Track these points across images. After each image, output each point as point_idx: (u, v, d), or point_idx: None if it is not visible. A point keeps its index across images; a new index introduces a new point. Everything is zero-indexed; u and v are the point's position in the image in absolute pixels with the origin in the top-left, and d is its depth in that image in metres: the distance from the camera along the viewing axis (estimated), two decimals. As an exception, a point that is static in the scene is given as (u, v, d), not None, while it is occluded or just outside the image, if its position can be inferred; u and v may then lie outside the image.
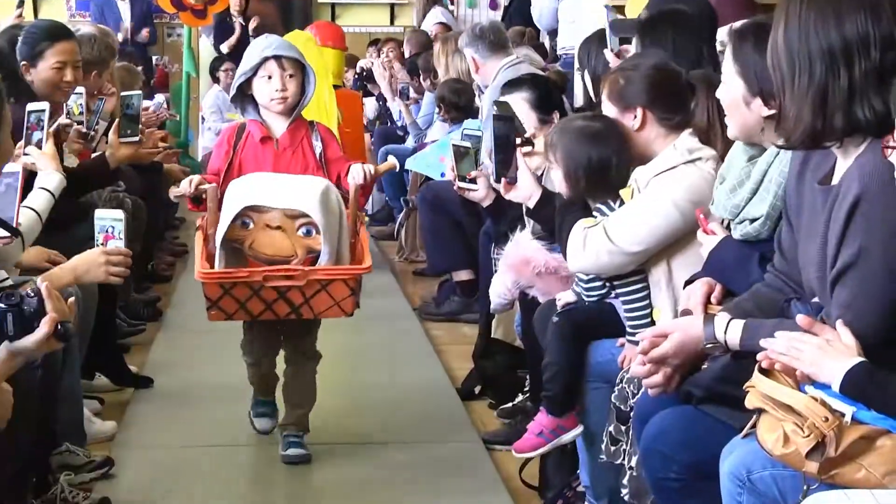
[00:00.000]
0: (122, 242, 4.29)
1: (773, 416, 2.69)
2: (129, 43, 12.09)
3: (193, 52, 12.48)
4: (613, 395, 3.66)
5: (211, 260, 4.53)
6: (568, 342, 3.94)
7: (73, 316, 3.25)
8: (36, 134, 5.01)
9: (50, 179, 4.81)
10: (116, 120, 6.06)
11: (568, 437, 3.99)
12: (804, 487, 2.65)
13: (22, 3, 8.46)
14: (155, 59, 12.57)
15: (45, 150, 4.93)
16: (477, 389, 5.86)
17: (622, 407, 3.62)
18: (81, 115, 5.84)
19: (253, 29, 12.76)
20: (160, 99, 9.67)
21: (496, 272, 4.83)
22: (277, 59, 4.76)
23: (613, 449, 3.67)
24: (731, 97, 3.40)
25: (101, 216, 4.35)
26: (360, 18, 14.95)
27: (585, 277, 4.08)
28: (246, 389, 5.06)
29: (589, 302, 4.09)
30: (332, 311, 4.58)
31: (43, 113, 5.00)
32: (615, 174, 3.96)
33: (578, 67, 6.30)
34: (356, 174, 4.74)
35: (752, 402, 2.76)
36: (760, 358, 2.77)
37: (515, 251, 4.52)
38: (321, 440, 4.78)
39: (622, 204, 3.95)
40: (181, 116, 11.49)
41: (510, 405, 5.33)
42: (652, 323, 3.76)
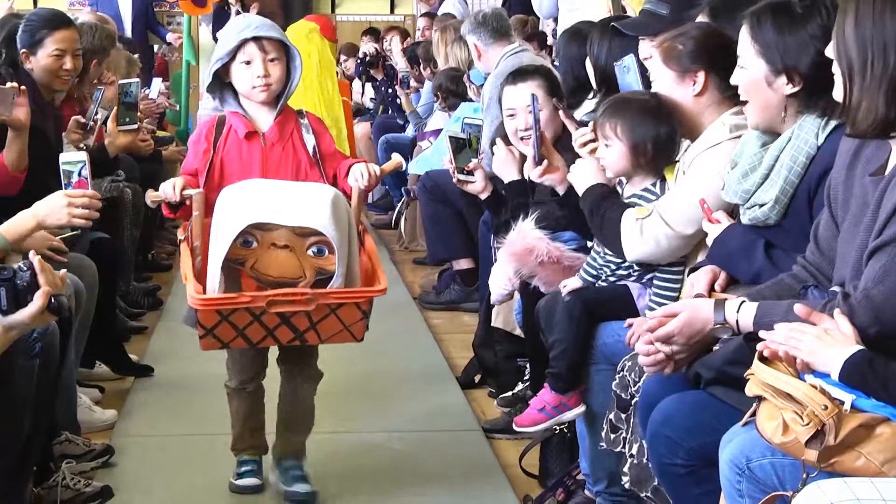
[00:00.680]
0: (87, 184, 4.16)
1: (772, 404, 2.69)
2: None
3: (193, 40, 12.51)
4: (614, 382, 3.66)
5: (200, 278, 3.98)
6: (576, 321, 3.96)
7: (65, 289, 3.25)
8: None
9: None
10: (114, 109, 6.10)
11: (570, 415, 4.00)
12: (803, 475, 2.64)
13: None
14: (155, 47, 12.55)
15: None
16: (477, 378, 5.88)
17: (622, 395, 3.62)
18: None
19: None
20: (158, 83, 9.63)
21: (495, 262, 4.83)
22: (257, 40, 4.18)
23: (613, 437, 3.67)
24: (751, 79, 3.40)
25: (64, 160, 4.22)
26: (359, 7, 14.94)
27: (601, 261, 4.12)
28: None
29: (602, 283, 4.11)
30: (340, 336, 4.04)
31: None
32: (674, 149, 4.02)
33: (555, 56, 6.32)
34: (360, 176, 4.19)
35: (751, 389, 2.76)
36: (760, 347, 2.77)
37: (518, 240, 4.50)
38: (322, 429, 4.69)
39: (663, 185, 4.02)
40: (181, 105, 11.48)
41: (510, 394, 5.33)
42: None
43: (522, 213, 4.65)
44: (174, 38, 12.47)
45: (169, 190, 4.06)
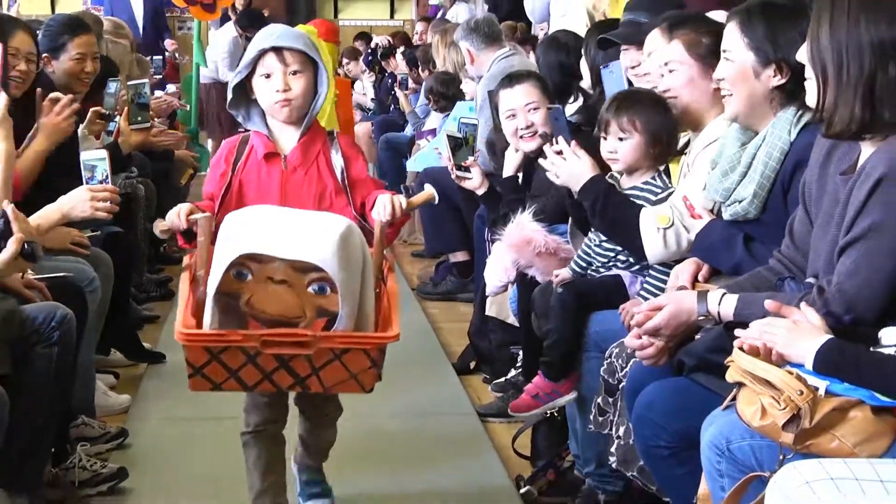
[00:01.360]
0: (108, 181, 4.20)
1: (751, 389, 2.70)
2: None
3: (203, 44, 12.48)
4: (602, 368, 3.67)
5: (199, 311, 3.35)
6: (570, 312, 3.96)
7: (38, 238, 3.26)
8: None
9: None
10: (126, 108, 6.15)
11: (562, 401, 4.00)
12: (780, 457, 2.65)
13: None
14: (167, 51, 12.56)
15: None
16: (472, 365, 5.90)
17: (610, 380, 3.63)
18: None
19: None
20: (171, 88, 9.67)
21: (490, 255, 4.84)
22: (277, 51, 3.59)
23: (601, 419, 3.69)
24: (737, 69, 3.44)
25: (86, 158, 4.24)
26: (361, 13, 14.96)
27: (593, 253, 4.13)
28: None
29: (593, 273, 4.12)
30: (346, 385, 3.36)
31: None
32: (677, 141, 4.06)
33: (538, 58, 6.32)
34: (383, 208, 3.55)
35: (731, 376, 2.78)
36: (738, 344, 2.79)
37: (517, 232, 4.52)
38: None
39: (663, 178, 4.05)
40: (191, 106, 11.51)
41: (503, 380, 5.35)
42: None
43: (520, 206, 4.67)
44: (171, 44, 12.47)
45: (174, 217, 3.49)
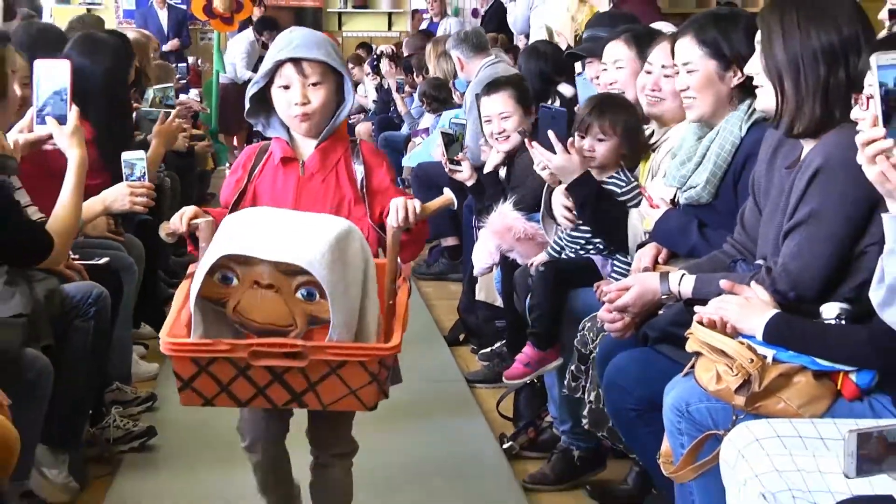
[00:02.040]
0: (145, 178, 4.24)
1: (707, 358, 2.71)
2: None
3: (222, 52, 12.49)
4: (576, 339, 3.68)
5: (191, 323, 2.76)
6: (551, 288, 3.96)
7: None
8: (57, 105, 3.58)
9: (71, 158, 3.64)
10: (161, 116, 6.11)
11: (550, 367, 3.99)
12: (733, 417, 2.66)
13: None
14: (190, 60, 12.54)
15: (68, 126, 3.57)
16: (461, 337, 5.91)
17: (582, 350, 3.63)
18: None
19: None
20: (194, 92, 9.69)
21: (477, 240, 4.85)
22: (296, 62, 3.03)
23: (574, 385, 3.69)
24: (702, 77, 3.43)
25: (126, 157, 4.26)
26: (362, 25, 14.94)
27: (567, 240, 4.13)
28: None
29: (570, 255, 4.12)
30: (345, 401, 2.75)
31: (65, 73, 3.56)
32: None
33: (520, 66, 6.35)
34: (397, 213, 2.94)
35: (690, 346, 2.78)
36: (696, 318, 2.80)
37: (499, 220, 4.55)
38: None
39: (625, 172, 3.99)
40: (212, 108, 11.52)
41: (489, 350, 5.37)
42: None
43: (502, 197, 4.69)
44: (173, 45, 12.50)
45: (177, 221, 2.97)
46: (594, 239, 4.05)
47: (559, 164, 3.88)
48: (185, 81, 10.29)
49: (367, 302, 2.73)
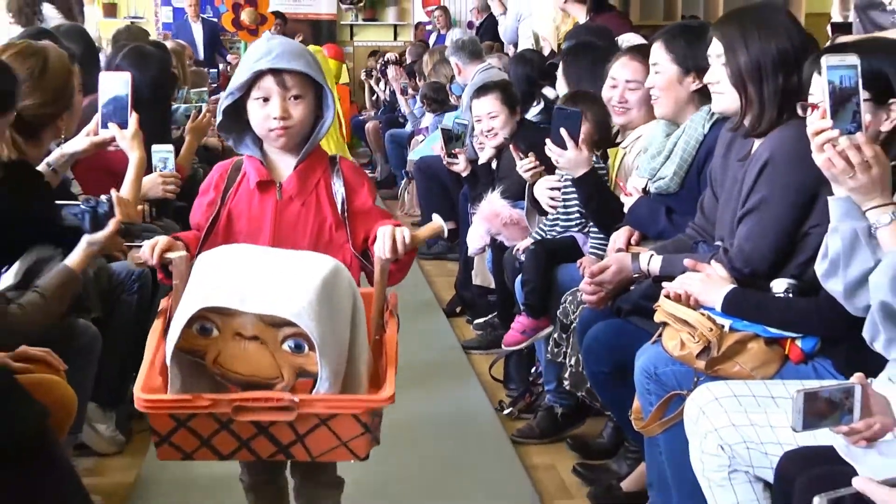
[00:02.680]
0: (172, 167, 4.33)
1: (673, 327, 2.73)
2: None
3: None
4: (558, 311, 3.68)
5: (167, 369, 2.23)
6: (541, 264, 3.95)
7: (140, 218, 3.24)
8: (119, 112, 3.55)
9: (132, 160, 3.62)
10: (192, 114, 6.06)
11: (543, 333, 3.98)
12: (695, 379, 2.69)
13: None
14: (221, 66, 12.52)
15: (129, 130, 3.54)
16: (458, 309, 5.91)
17: (564, 320, 3.63)
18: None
19: None
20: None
21: (471, 224, 4.85)
22: (276, 73, 2.48)
23: (556, 350, 3.70)
24: (665, 79, 3.45)
25: (156, 150, 4.31)
26: (371, 36, 14.93)
27: (548, 225, 4.14)
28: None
29: (553, 236, 4.13)
30: (336, 453, 2.26)
31: (126, 85, 3.53)
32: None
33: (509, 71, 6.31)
34: (384, 244, 2.41)
35: (658, 317, 2.80)
36: (664, 293, 2.81)
37: (488, 207, 4.56)
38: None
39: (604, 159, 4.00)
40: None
41: (482, 321, 5.37)
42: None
43: (491, 187, 4.70)
44: (233, 57, 12.42)
45: (147, 251, 2.42)
46: (572, 226, 4.06)
47: (570, 158, 3.77)
48: (216, 85, 10.27)
49: (355, 347, 2.25)
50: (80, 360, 3.29)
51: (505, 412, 4.32)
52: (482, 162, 5.29)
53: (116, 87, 3.51)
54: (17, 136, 3.24)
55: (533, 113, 5.48)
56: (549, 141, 3.83)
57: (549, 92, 5.54)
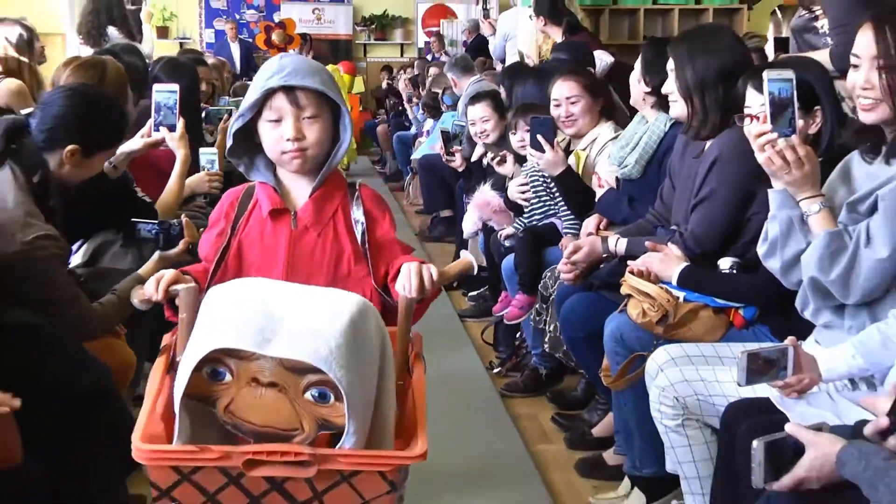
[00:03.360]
0: (217, 168, 3.95)
1: (636, 299, 2.73)
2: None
3: None
4: (540, 284, 3.69)
5: (170, 413, 1.73)
6: (530, 248, 3.94)
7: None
8: (168, 117, 3.53)
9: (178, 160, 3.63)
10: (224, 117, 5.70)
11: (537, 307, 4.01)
12: (654, 342, 2.69)
13: None
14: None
15: (176, 133, 3.55)
16: (454, 284, 5.90)
17: (544, 293, 3.64)
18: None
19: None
20: None
21: (466, 212, 4.86)
22: (288, 91, 1.99)
23: (538, 318, 3.70)
24: (634, 78, 3.50)
25: (203, 152, 3.91)
26: (382, 53, 14.91)
27: (528, 212, 4.13)
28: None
29: (534, 223, 4.10)
30: None
31: (174, 94, 3.54)
32: None
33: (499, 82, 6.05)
34: (410, 281, 1.93)
35: (624, 290, 2.80)
36: (628, 270, 2.82)
37: (480, 197, 4.56)
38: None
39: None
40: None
41: (475, 293, 5.38)
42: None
43: (483, 180, 4.71)
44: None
45: (151, 287, 1.89)
46: (541, 214, 4.07)
47: (548, 159, 3.76)
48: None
49: (383, 395, 1.73)
50: (136, 325, 3.30)
51: (494, 371, 4.32)
52: (475, 159, 5.32)
53: (166, 96, 3.52)
54: None
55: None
56: (528, 146, 3.85)
57: None
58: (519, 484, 3.19)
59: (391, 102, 12.09)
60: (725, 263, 2.69)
